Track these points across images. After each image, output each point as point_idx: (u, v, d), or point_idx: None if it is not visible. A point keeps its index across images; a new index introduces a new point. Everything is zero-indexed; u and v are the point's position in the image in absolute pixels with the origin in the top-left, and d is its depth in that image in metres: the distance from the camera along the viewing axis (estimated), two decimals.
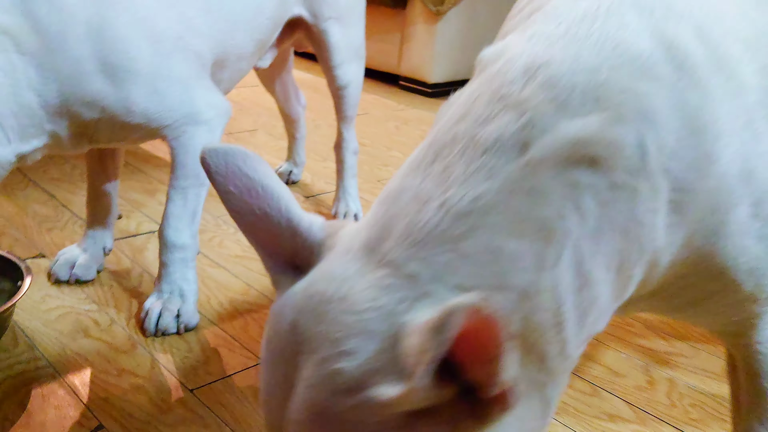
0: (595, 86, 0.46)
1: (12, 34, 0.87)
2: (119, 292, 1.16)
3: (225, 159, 0.49)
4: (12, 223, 1.38)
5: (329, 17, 1.36)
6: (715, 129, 0.48)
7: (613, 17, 0.48)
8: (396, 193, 0.47)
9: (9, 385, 0.91)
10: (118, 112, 0.97)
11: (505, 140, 0.45)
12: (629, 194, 0.46)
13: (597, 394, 0.98)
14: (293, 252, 0.49)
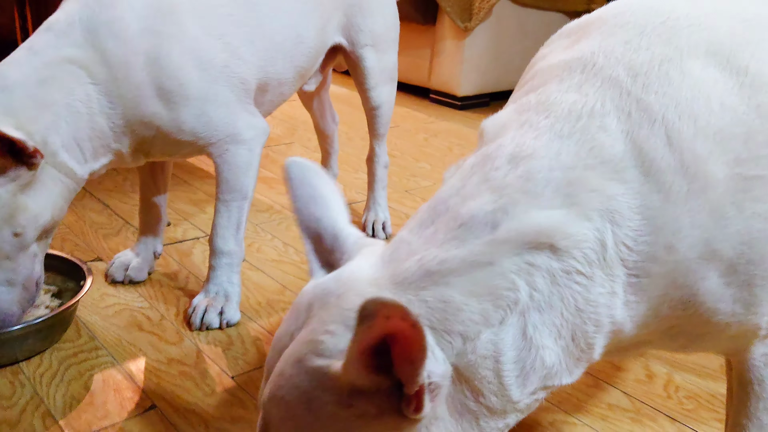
0: (567, 183, 0.55)
1: (86, 66, 1.01)
2: (168, 292, 1.29)
3: (301, 170, 0.63)
4: (72, 230, 1.53)
5: (365, 44, 1.47)
6: (674, 226, 0.55)
7: (595, 119, 0.56)
8: (399, 243, 0.58)
9: (75, 370, 1.05)
10: (170, 131, 1.09)
11: (479, 218, 0.55)
12: (584, 280, 0.55)
13: (598, 386, 1.07)
14: (330, 252, 0.62)
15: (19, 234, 0.97)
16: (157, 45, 1.04)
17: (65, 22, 1.02)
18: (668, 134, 0.55)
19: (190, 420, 0.95)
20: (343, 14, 1.40)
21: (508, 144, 0.58)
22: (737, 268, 0.57)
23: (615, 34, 0.60)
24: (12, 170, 0.94)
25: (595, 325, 0.57)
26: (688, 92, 0.56)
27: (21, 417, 0.94)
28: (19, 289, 1.00)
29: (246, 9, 1.15)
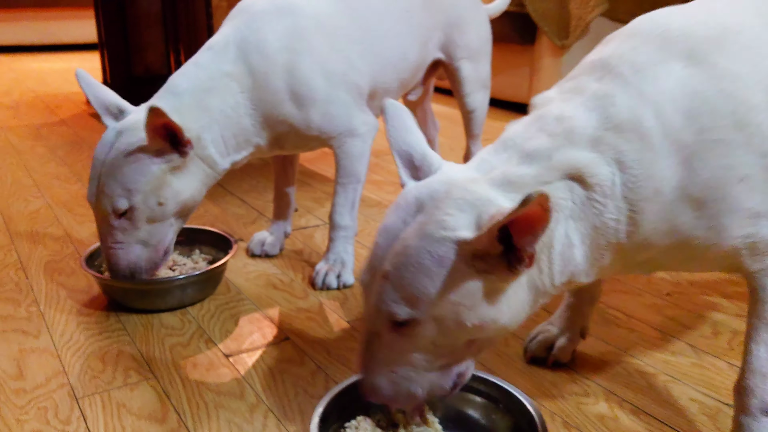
0: (594, 137, 0.77)
1: (237, 79, 1.30)
2: (295, 263, 1.57)
3: (396, 109, 0.85)
4: (218, 219, 1.85)
5: (461, 58, 1.70)
6: (660, 174, 0.76)
7: (609, 99, 0.78)
8: (481, 161, 0.80)
9: (227, 313, 1.33)
10: (301, 128, 1.36)
11: (541, 151, 0.77)
12: (600, 207, 0.77)
13: (666, 339, 1.21)
14: (418, 168, 0.82)
15: (162, 204, 1.23)
16: (291, 59, 1.31)
17: (222, 42, 1.32)
18: (656, 112, 0.76)
19: (315, 348, 1.20)
20: (443, 33, 1.64)
21: (555, 110, 0.80)
22: (705, 204, 0.77)
23: (626, 42, 0.81)
24: (167, 154, 1.21)
25: (605, 240, 0.78)
26: (670, 83, 0.77)
27: (189, 341, 1.23)
28: (150, 249, 1.26)
29: (362, 31, 1.41)
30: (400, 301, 0.74)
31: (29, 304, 1.35)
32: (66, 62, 4.94)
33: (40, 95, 3.67)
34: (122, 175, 1.19)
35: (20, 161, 2.38)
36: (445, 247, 0.72)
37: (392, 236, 0.76)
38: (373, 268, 0.78)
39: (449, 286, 0.73)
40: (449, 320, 0.75)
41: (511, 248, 0.72)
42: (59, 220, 1.81)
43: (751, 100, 0.76)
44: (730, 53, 0.78)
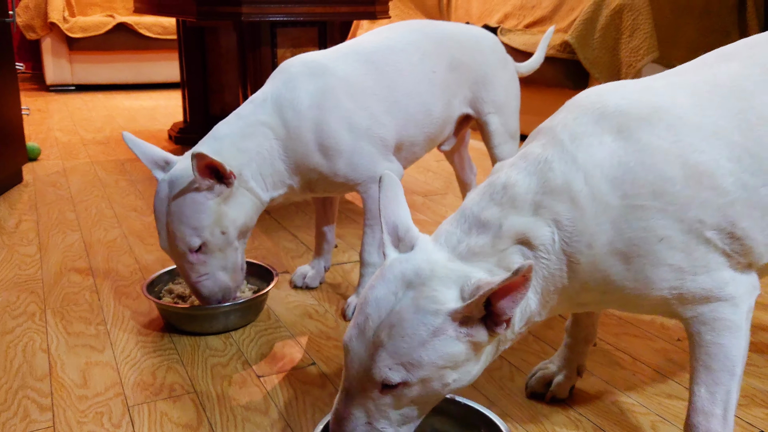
0: (534, 202, 0.89)
1: (272, 128, 1.47)
2: (332, 296, 1.72)
3: (390, 181, 0.95)
4: (270, 252, 2.03)
5: (489, 112, 1.81)
6: (591, 232, 0.87)
7: (548, 164, 0.89)
8: (447, 234, 0.91)
9: (265, 338, 1.49)
10: (328, 175, 1.52)
11: (492, 221, 0.89)
12: (546, 261, 0.89)
13: (663, 380, 1.28)
14: (401, 239, 0.92)
15: (225, 232, 1.41)
16: (320, 115, 1.47)
17: (261, 98, 1.50)
18: (585, 176, 0.87)
19: (337, 374, 1.34)
20: (469, 90, 1.76)
21: (503, 177, 0.93)
22: (632, 259, 0.87)
23: (571, 113, 0.93)
24: (216, 187, 1.39)
25: (553, 287, 0.91)
26: (600, 153, 0.88)
27: (229, 362, 1.39)
28: (230, 272, 1.46)
29: (387, 90, 1.56)
30: (395, 367, 0.83)
31: (98, 323, 1.56)
32: (154, 100, 5.37)
33: (128, 132, 4.03)
34: (186, 218, 1.38)
35: (105, 194, 2.66)
36: (439, 319, 0.82)
37: (384, 308, 0.85)
38: (364, 336, 0.86)
39: (441, 353, 0.83)
40: (435, 381, 0.85)
41: (490, 313, 0.83)
42: (132, 249, 2.04)
43: (667, 173, 0.86)
44: (654, 130, 0.88)
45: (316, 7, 2.48)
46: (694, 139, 0.89)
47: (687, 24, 3.00)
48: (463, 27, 1.79)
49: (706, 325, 0.90)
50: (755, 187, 0.89)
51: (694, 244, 0.87)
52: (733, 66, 0.97)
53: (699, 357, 0.92)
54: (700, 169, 0.87)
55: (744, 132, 0.90)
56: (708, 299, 0.89)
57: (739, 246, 0.89)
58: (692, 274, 0.88)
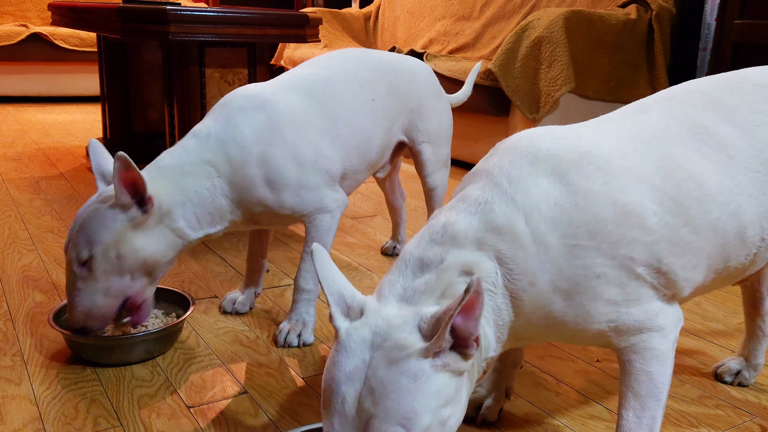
0: (476, 238, 0.92)
1: (215, 165, 1.44)
2: (263, 321, 1.70)
3: (322, 255, 0.93)
4: (198, 276, 1.99)
5: (422, 141, 1.86)
6: (532, 270, 0.91)
7: (488, 205, 0.93)
8: (391, 284, 0.92)
9: (194, 366, 1.46)
10: (275, 208, 1.51)
11: (433, 260, 0.91)
12: (492, 294, 0.92)
13: (587, 402, 1.34)
14: (350, 307, 0.90)
15: (120, 258, 1.34)
16: (266, 150, 1.47)
17: (205, 132, 1.47)
18: (526, 217, 0.92)
19: (270, 402, 1.33)
20: (406, 118, 1.80)
21: (442, 219, 0.96)
22: (572, 295, 0.92)
23: (506, 156, 0.98)
24: (131, 210, 1.34)
25: (501, 321, 0.94)
26: (537, 195, 0.93)
27: (156, 392, 1.35)
28: (108, 301, 1.36)
29: (329, 122, 1.57)
30: (393, 430, 0.80)
31: (14, 353, 1.48)
32: (70, 114, 5.16)
33: (42, 147, 3.85)
34: (87, 227, 1.33)
35: (18, 214, 2.54)
36: (412, 361, 0.82)
37: (358, 379, 0.83)
38: (349, 417, 0.82)
39: (428, 393, 0.81)
40: (434, 425, 0.82)
41: (456, 340, 0.84)
42: (49, 274, 1.95)
43: (600, 214, 0.92)
44: (585, 173, 0.94)
45: (246, 28, 2.48)
46: (620, 181, 0.94)
47: (600, 57, 3.18)
48: (399, 57, 1.83)
49: (637, 354, 0.96)
50: (676, 227, 0.95)
51: (626, 279, 0.93)
52: (651, 117, 1.04)
53: (628, 383, 0.97)
54: (628, 209, 0.93)
55: (663, 177, 0.97)
56: (640, 330, 0.95)
57: (664, 280, 0.96)
58: (626, 307, 0.93)
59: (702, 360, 1.55)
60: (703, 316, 1.80)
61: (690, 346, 1.62)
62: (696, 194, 0.97)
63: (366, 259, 2.17)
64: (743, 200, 1.00)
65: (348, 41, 4.81)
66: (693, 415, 1.32)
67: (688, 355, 1.57)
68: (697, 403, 1.36)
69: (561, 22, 3.01)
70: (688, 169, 0.98)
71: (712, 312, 1.82)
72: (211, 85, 2.67)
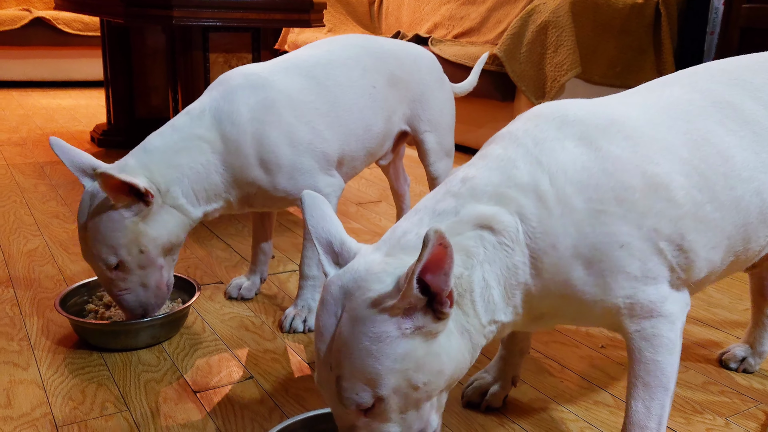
0: (496, 193, 0.90)
1: (209, 142, 1.44)
2: (268, 306, 1.71)
3: (314, 199, 0.94)
4: (202, 262, 1.99)
5: (425, 131, 1.84)
6: (555, 233, 0.89)
7: (512, 162, 0.92)
8: (396, 228, 0.92)
9: (200, 351, 1.46)
10: (268, 190, 1.50)
11: (447, 211, 0.90)
12: (509, 250, 0.89)
13: (591, 388, 1.35)
14: (338, 254, 0.90)
15: (144, 251, 1.37)
16: (261, 129, 1.46)
17: (199, 109, 1.47)
18: (550, 178, 0.90)
19: (275, 387, 1.33)
20: (408, 108, 1.78)
21: (460, 174, 0.95)
22: (593, 263, 0.90)
23: (531, 121, 0.97)
24: (135, 206, 1.35)
25: (515, 281, 0.91)
26: (564, 157, 0.91)
27: (163, 377, 1.36)
28: (152, 290, 1.42)
29: (328, 104, 1.56)
30: (359, 390, 0.81)
31: (21, 338, 1.49)
32: (74, 99, 5.15)
33: (47, 132, 3.85)
34: (102, 236, 1.34)
35: (23, 199, 2.54)
36: (376, 321, 0.79)
37: (328, 336, 0.83)
38: (324, 372, 0.84)
39: (392, 357, 0.80)
40: (404, 387, 0.82)
41: (432, 297, 0.80)
42: (55, 259, 1.96)
43: (628, 181, 0.91)
44: (613, 140, 0.93)
45: (250, 13, 2.46)
46: (649, 151, 0.93)
47: (607, 42, 3.15)
48: (403, 44, 1.82)
49: (646, 341, 0.95)
50: (702, 202, 0.94)
51: (649, 253, 0.91)
52: (676, 92, 1.03)
53: (637, 373, 0.96)
54: (656, 181, 0.92)
55: (691, 150, 0.96)
56: (651, 313, 0.94)
57: (684, 259, 0.94)
58: (644, 284, 0.92)
59: (707, 347, 1.55)
60: (708, 302, 1.79)
61: (695, 332, 1.62)
62: (722, 170, 0.96)
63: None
64: (767, 178, 0.99)
65: (352, 26, 4.78)
66: (698, 402, 1.32)
67: (694, 341, 1.57)
68: (701, 390, 1.36)
69: (567, 6, 2.98)
70: (715, 143, 0.97)
71: (717, 298, 1.82)
72: (215, 70, 2.66)
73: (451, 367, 0.85)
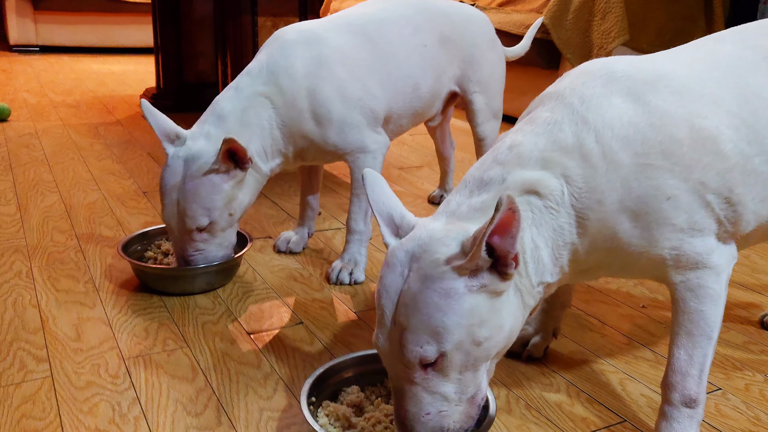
0: (542, 158, 0.93)
1: (270, 97, 1.50)
2: (315, 260, 1.77)
3: (373, 176, 0.98)
4: (251, 218, 2.07)
5: (474, 91, 1.87)
6: (601, 189, 0.91)
7: (558, 125, 0.94)
8: (449, 202, 0.95)
9: (252, 298, 1.54)
10: (319, 143, 1.56)
11: (494, 179, 0.93)
12: (555, 213, 0.93)
13: (632, 344, 1.38)
14: (398, 227, 0.95)
15: (232, 214, 1.48)
16: (314, 83, 1.51)
17: (257, 68, 1.53)
18: (596, 135, 0.92)
19: (324, 332, 1.40)
20: (458, 68, 1.81)
21: (507, 141, 0.98)
22: (639, 216, 0.93)
23: (578, 78, 0.99)
24: (233, 171, 1.44)
25: (562, 242, 0.94)
26: (611, 113, 0.93)
27: (218, 320, 1.44)
28: (225, 249, 1.51)
29: (379, 62, 1.60)
30: (424, 343, 0.83)
31: (86, 281, 1.59)
32: (123, 65, 5.28)
33: (98, 96, 3.97)
34: (201, 198, 1.42)
35: (80, 157, 2.65)
36: (445, 279, 0.83)
37: (394, 293, 0.86)
38: (386, 329, 0.87)
39: (459, 311, 0.83)
40: (467, 342, 0.84)
41: (497, 260, 0.85)
42: (113, 211, 2.05)
43: (675, 135, 0.92)
44: (661, 95, 0.95)
45: None
46: (697, 106, 0.95)
47: (656, 9, 3.10)
48: (455, 5, 1.83)
49: (691, 291, 0.97)
50: (750, 155, 0.96)
51: (696, 206, 0.93)
52: (726, 47, 1.04)
53: (681, 323, 0.98)
54: (704, 134, 0.93)
55: (740, 104, 0.97)
56: (697, 265, 0.96)
57: (732, 212, 0.96)
58: (690, 236, 0.94)
59: (749, 310, 1.56)
60: (752, 268, 1.79)
61: (738, 295, 1.63)
62: None
63: (413, 207, 2.21)
64: None
65: None
66: (737, 359, 1.34)
67: (736, 303, 1.58)
68: (742, 349, 1.38)
69: None
70: (765, 98, 0.98)
71: (761, 265, 1.82)
72: (263, 34, 2.71)
73: (510, 323, 0.89)
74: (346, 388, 1.13)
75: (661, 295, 1.62)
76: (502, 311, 0.87)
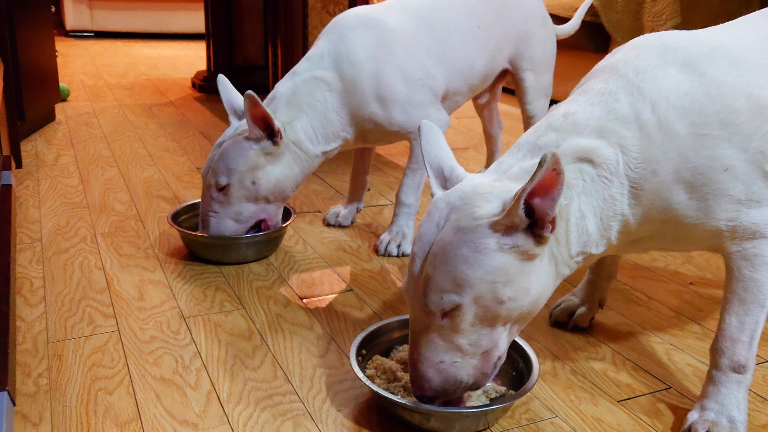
0: (598, 127, 0.93)
1: (327, 81, 1.55)
2: (363, 232, 1.81)
3: (430, 128, 1.02)
4: (300, 194, 2.12)
5: (526, 69, 1.89)
6: (656, 159, 0.92)
7: (613, 95, 0.95)
8: (501, 163, 0.97)
9: (303, 266, 1.59)
10: (383, 124, 1.60)
11: (549, 144, 0.95)
12: (607, 182, 0.93)
13: (678, 317, 1.38)
14: (447, 180, 0.98)
15: (255, 183, 1.49)
16: (376, 66, 1.55)
17: (317, 54, 1.57)
18: (652, 106, 0.93)
19: (373, 299, 1.44)
20: (513, 46, 1.83)
21: (561, 109, 0.99)
22: (696, 187, 0.93)
23: (631, 51, 0.99)
24: (263, 141, 1.48)
25: (612, 212, 0.95)
26: (667, 84, 0.93)
27: (272, 285, 1.49)
28: (241, 224, 1.54)
29: (436, 43, 1.63)
30: (443, 292, 0.86)
31: (147, 247, 1.66)
32: (173, 50, 5.41)
33: (151, 79, 4.09)
34: (226, 157, 1.48)
35: (136, 135, 2.75)
36: (478, 233, 0.85)
37: (427, 242, 0.89)
38: (415, 276, 0.90)
39: (486, 267, 0.84)
40: (488, 299, 0.86)
41: (534, 222, 0.87)
42: (169, 185, 2.13)
43: (733, 105, 0.93)
44: (718, 65, 0.95)
45: None
46: (754, 76, 0.95)
47: None
48: None
49: (747, 260, 0.97)
50: None
51: (754, 177, 0.93)
52: None
53: (734, 290, 0.98)
54: (762, 104, 0.93)
55: None
56: (754, 235, 0.96)
57: None
58: (748, 207, 0.94)
59: None
60: None
61: None
62: None
63: None
64: None
65: None
66: None
67: None
68: None
69: None
70: None
71: None
72: (313, 16, 2.75)
73: (537, 288, 0.90)
74: (398, 346, 1.17)
75: (709, 273, 1.62)
76: (531, 275, 0.88)
